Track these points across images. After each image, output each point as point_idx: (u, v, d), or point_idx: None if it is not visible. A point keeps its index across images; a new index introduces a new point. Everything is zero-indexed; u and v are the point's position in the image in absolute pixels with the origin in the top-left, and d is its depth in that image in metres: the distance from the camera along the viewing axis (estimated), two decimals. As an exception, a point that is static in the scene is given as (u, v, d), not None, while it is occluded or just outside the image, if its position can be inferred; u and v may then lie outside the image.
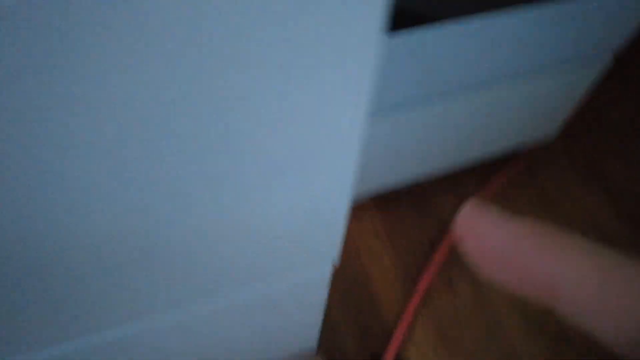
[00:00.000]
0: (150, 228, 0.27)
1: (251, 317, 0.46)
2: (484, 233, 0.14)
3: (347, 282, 0.85)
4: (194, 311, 0.40)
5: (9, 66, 0.16)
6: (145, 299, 0.34)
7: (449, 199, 0.96)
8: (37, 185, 0.22)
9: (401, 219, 0.92)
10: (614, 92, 1.15)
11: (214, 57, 0.20)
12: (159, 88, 0.20)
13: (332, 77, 0.23)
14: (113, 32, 0.17)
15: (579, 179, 1.01)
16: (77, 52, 0.17)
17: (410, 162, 0.79)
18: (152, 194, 0.25)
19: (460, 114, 0.72)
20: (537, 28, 0.61)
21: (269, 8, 0.18)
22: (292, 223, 0.33)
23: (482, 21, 0.55)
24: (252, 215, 0.31)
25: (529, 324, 0.82)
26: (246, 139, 0.24)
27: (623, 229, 0.94)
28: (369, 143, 0.68)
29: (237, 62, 0.20)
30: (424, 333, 0.79)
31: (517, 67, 0.68)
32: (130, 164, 0.23)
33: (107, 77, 0.18)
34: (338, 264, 0.84)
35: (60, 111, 0.19)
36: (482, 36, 0.57)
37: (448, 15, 0.51)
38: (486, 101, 0.72)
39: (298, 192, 0.30)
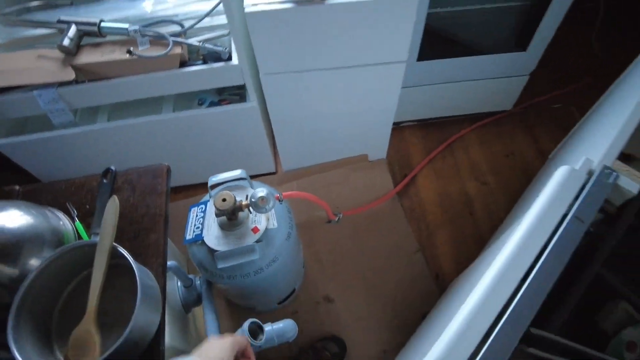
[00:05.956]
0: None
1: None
2: None
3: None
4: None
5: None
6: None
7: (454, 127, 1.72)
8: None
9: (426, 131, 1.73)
10: (543, 84, 1.79)
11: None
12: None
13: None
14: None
15: (522, 131, 1.71)
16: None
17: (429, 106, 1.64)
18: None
19: (453, 91, 1.52)
20: (492, 64, 1.43)
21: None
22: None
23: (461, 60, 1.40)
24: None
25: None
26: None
27: (537, 161, 1.61)
28: (410, 98, 1.53)
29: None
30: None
31: (485, 75, 1.49)
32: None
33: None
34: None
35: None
36: (462, 65, 1.40)
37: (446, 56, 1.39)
38: (471, 87, 1.50)
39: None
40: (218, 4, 1.07)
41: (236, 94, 1.30)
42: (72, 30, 1.08)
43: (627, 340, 0.66)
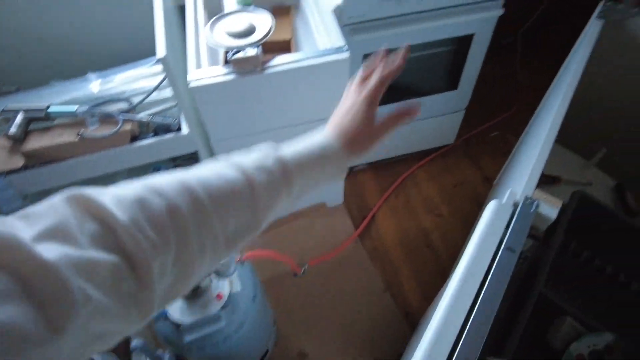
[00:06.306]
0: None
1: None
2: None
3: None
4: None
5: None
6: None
7: (404, 165, 1.81)
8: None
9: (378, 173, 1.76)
10: (479, 116, 1.94)
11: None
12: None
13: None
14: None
15: (467, 161, 1.83)
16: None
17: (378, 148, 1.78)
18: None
19: (398, 132, 1.63)
20: (430, 104, 1.53)
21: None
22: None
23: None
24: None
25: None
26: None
27: (484, 187, 1.66)
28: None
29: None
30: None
31: (425, 114, 1.60)
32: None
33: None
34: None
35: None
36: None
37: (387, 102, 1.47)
38: (414, 127, 1.61)
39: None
40: (163, 80, 1.12)
41: (191, 158, 1.33)
42: (19, 117, 1.09)
43: (575, 353, 0.71)
